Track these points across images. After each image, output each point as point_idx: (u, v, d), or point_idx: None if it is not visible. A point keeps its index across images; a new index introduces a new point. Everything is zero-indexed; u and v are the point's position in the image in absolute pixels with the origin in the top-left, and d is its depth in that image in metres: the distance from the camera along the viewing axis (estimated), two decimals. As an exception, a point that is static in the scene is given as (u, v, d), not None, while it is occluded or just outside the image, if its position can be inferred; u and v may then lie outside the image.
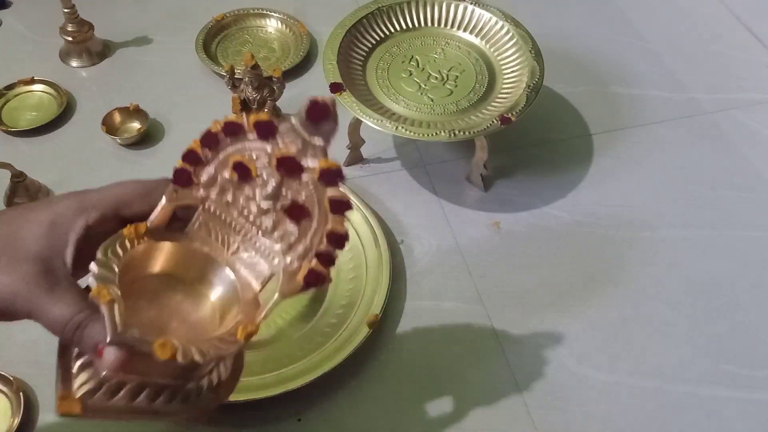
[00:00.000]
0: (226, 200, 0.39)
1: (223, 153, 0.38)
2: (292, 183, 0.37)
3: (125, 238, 0.36)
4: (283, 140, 0.37)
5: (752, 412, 0.54)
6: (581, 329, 0.59)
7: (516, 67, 0.66)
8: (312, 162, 0.36)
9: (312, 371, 0.53)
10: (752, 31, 0.88)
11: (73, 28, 0.77)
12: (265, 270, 0.38)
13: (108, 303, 0.32)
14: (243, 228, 0.39)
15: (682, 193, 0.69)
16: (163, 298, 0.38)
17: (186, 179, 0.38)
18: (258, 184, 0.38)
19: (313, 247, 0.37)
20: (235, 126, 0.37)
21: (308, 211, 0.37)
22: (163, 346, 0.32)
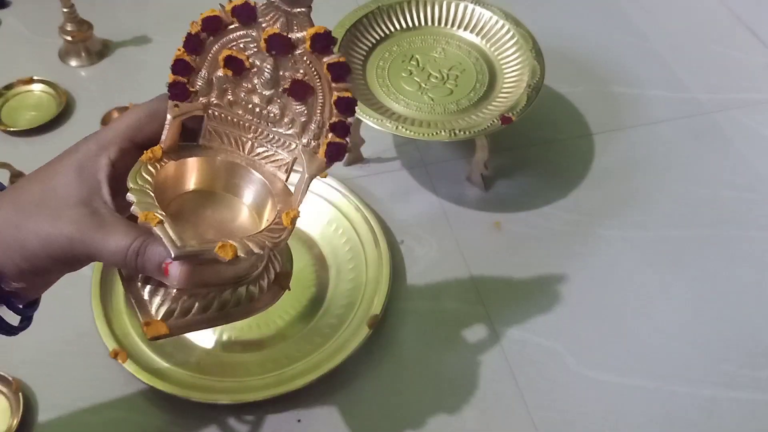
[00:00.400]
0: (227, 100, 0.39)
1: (210, 53, 0.38)
2: (286, 62, 0.37)
3: (146, 163, 0.36)
4: (265, 20, 0.36)
5: (752, 412, 0.54)
6: (581, 329, 0.59)
7: (516, 66, 0.66)
8: (300, 33, 0.36)
9: (312, 372, 0.52)
10: (753, 31, 0.88)
11: (73, 28, 0.77)
12: (286, 157, 0.39)
13: (159, 224, 0.33)
14: (252, 124, 0.39)
15: (682, 193, 0.69)
16: (200, 214, 0.38)
17: (182, 91, 0.38)
18: (254, 74, 0.38)
19: (325, 121, 0.38)
20: (214, 20, 0.37)
21: (310, 85, 0.37)
22: (224, 248, 0.33)
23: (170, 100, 0.38)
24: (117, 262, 0.35)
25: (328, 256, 0.62)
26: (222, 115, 0.39)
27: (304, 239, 0.63)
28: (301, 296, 0.59)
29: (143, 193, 0.35)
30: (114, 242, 0.34)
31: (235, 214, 0.39)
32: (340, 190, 0.64)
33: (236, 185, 0.39)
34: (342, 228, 0.63)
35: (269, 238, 0.35)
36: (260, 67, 0.37)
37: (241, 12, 0.36)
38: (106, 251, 0.34)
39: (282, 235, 0.36)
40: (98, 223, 0.35)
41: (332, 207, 0.64)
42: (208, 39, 0.37)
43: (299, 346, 0.55)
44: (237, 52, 0.37)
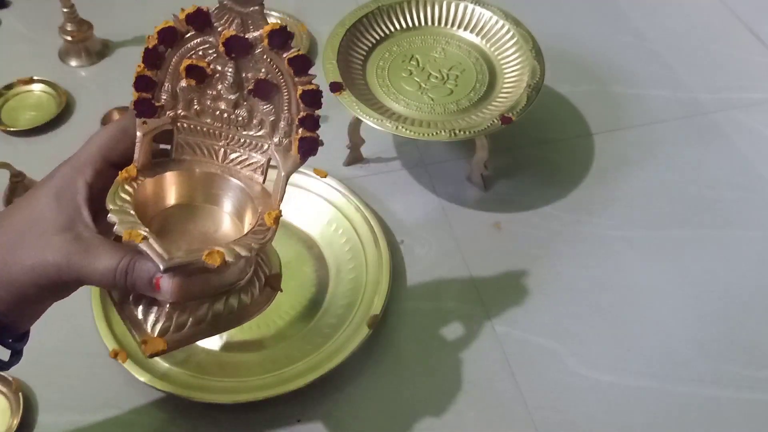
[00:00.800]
0: (195, 110, 0.39)
1: (171, 65, 0.38)
2: (247, 63, 0.37)
3: (123, 183, 0.37)
4: (220, 24, 0.36)
5: (752, 412, 0.54)
6: (581, 329, 0.59)
7: (517, 66, 0.66)
8: (256, 32, 0.36)
9: (312, 372, 0.52)
10: (753, 31, 0.88)
11: (72, 28, 0.77)
12: (260, 159, 0.39)
13: (144, 240, 0.33)
14: (222, 131, 0.39)
15: (682, 193, 0.69)
16: (184, 228, 0.38)
17: (148, 107, 0.38)
18: (218, 80, 0.38)
19: (294, 117, 0.38)
20: (170, 31, 0.37)
21: (273, 83, 0.37)
22: (211, 255, 0.33)
23: (137, 117, 0.38)
24: (107, 283, 0.35)
25: (328, 256, 0.62)
26: (191, 126, 0.39)
27: (304, 239, 0.63)
28: (301, 296, 0.59)
29: (123, 212, 0.35)
30: (102, 264, 0.34)
31: (217, 223, 0.39)
32: (340, 190, 0.64)
33: (215, 195, 0.39)
34: (342, 228, 0.63)
35: (255, 239, 0.35)
36: (222, 72, 0.37)
37: (195, 19, 0.37)
38: (95, 274, 0.34)
39: (267, 235, 0.36)
40: (83, 248, 0.35)
41: (332, 207, 0.64)
42: (167, 51, 0.37)
43: (299, 346, 0.55)
44: (197, 60, 0.37)
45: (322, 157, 0.69)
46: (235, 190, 0.39)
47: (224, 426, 0.52)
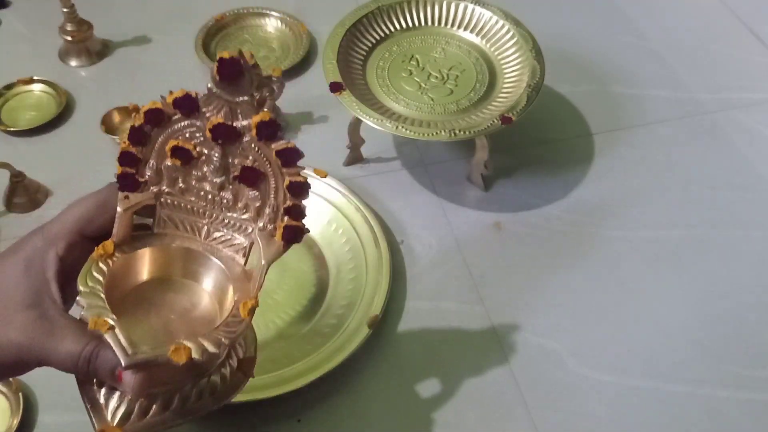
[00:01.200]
0: (179, 188, 0.38)
1: (157, 143, 0.37)
2: (235, 150, 0.36)
3: (97, 260, 0.35)
4: (208, 110, 0.36)
5: (752, 412, 0.54)
6: (581, 329, 0.59)
7: (516, 66, 0.66)
8: (245, 121, 0.35)
9: (312, 372, 0.52)
10: (753, 31, 0.88)
11: (73, 28, 0.77)
12: (243, 241, 0.38)
13: (109, 331, 0.32)
14: (206, 210, 0.38)
15: (682, 193, 0.69)
16: (159, 303, 0.37)
17: (131, 182, 0.37)
18: (204, 162, 0.37)
19: (279, 205, 0.37)
20: (156, 113, 0.36)
21: (261, 172, 0.36)
22: (177, 352, 0.32)
23: (120, 190, 0.37)
24: (68, 369, 0.34)
25: (328, 256, 0.62)
26: (175, 203, 0.38)
27: (304, 239, 0.63)
28: (301, 296, 0.59)
29: (94, 295, 0.33)
30: (64, 349, 0.33)
31: (194, 300, 0.38)
32: (340, 190, 0.64)
33: (194, 271, 0.38)
34: (342, 228, 0.63)
35: (225, 333, 0.34)
36: (209, 155, 0.37)
37: (183, 104, 0.36)
38: (57, 359, 0.33)
39: (239, 328, 0.35)
40: (48, 329, 0.33)
41: (332, 207, 0.64)
42: (153, 130, 0.36)
43: (299, 346, 0.55)
44: (183, 142, 0.36)
45: (322, 157, 0.69)
46: (215, 270, 0.38)
47: (224, 426, 0.52)
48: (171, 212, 0.38)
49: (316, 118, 0.75)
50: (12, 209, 0.65)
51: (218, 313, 0.37)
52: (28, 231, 0.65)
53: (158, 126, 0.36)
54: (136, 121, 0.36)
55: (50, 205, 0.66)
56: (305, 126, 0.74)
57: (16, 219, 0.65)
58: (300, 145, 0.80)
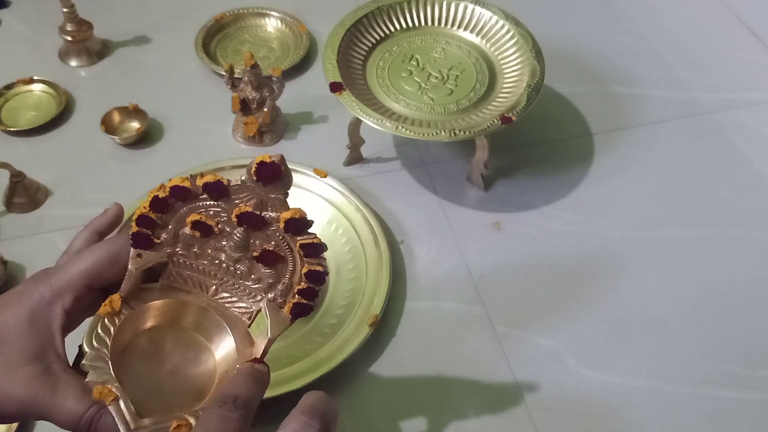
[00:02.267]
0: (193, 252, 0.37)
1: (178, 212, 0.36)
2: (258, 234, 0.36)
3: (104, 317, 0.35)
4: (238, 197, 0.35)
5: (752, 412, 0.54)
6: (581, 329, 0.59)
7: (516, 66, 0.66)
8: (274, 213, 0.35)
9: (312, 372, 0.52)
10: (753, 31, 0.88)
11: (73, 28, 0.77)
12: (251, 307, 0.38)
13: (113, 402, 0.32)
14: (217, 273, 0.38)
15: (682, 193, 0.69)
16: (162, 352, 0.37)
17: (146, 242, 0.36)
18: (224, 236, 0.36)
19: (293, 285, 0.37)
20: (182, 191, 0.35)
21: (281, 255, 0.36)
22: (179, 429, 0.32)
23: (132, 248, 0.36)
24: (69, 428, 0.33)
25: (328, 256, 0.61)
26: (187, 263, 0.37)
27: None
28: (301, 296, 0.59)
29: (99, 358, 0.33)
30: (67, 408, 0.33)
31: (197, 355, 0.37)
32: (340, 190, 0.64)
33: (199, 325, 0.38)
34: (342, 228, 0.63)
35: None
36: (230, 233, 0.36)
37: (213, 189, 0.35)
38: (59, 417, 0.33)
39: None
40: (51, 386, 0.33)
41: (332, 207, 0.64)
42: (176, 202, 0.36)
43: (299, 346, 0.55)
44: (206, 218, 0.36)
45: (322, 157, 0.69)
46: (220, 328, 0.38)
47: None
48: (182, 269, 0.38)
49: (316, 118, 0.75)
50: (12, 209, 0.65)
51: (216, 373, 0.37)
52: (28, 231, 0.65)
53: (183, 201, 0.35)
54: (161, 193, 0.35)
55: (50, 205, 0.66)
56: (305, 126, 0.74)
57: (16, 219, 0.65)
58: (300, 145, 0.80)
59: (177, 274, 0.38)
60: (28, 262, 0.61)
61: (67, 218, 0.64)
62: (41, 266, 0.58)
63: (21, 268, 0.60)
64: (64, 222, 0.64)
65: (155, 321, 0.38)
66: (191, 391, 0.36)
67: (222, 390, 0.33)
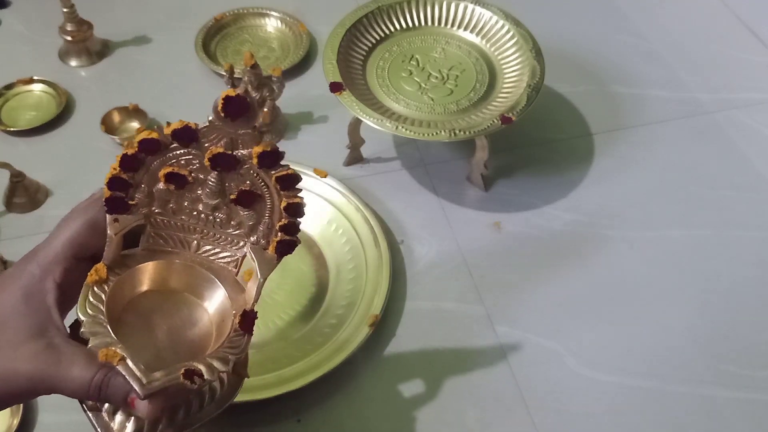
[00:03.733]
0: (170, 208, 0.37)
1: (150, 168, 0.36)
2: (233, 175, 0.36)
3: (93, 286, 0.35)
4: (208, 140, 0.35)
5: (752, 412, 0.54)
6: (581, 329, 0.59)
7: (516, 66, 0.66)
8: (245, 150, 0.35)
9: (312, 372, 0.52)
10: (753, 31, 0.88)
11: (73, 28, 0.77)
12: (236, 254, 0.38)
13: (121, 362, 0.32)
14: (197, 227, 0.38)
15: (682, 193, 0.69)
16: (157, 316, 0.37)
17: (121, 205, 0.36)
18: (198, 186, 0.36)
19: (274, 223, 0.37)
20: (152, 143, 0.35)
21: (258, 194, 0.36)
22: (189, 375, 0.32)
23: (108, 213, 0.36)
24: (79, 396, 0.34)
25: (328, 256, 0.62)
26: (165, 221, 0.37)
27: (304, 239, 0.63)
28: (301, 296, 0.59)
29: (97, 324, 0.33)
30: (74, 377, 0.33)
31: (192, 314, 0.38)
32: (340, 190, 0.64)
33: (189, 283, 0.38)
34: (342, 228, 0.63)
35: (231, 351, 0.34)
36: (204, 180, 0.36)
37: (182, 135, 0.35)
38: (68, 387, 0.33)
39: (243, 343, 0.35)
40: (56, 358, 0.33)
41: (332, 207, 0.64)
42: (147, 158, 0.35)
43: (299, 346, 0.55)
44: (179, 168, 0.35)
45: (322, 157, 0.69)
46: (209, 282, 0.38)
47: (224, 426, 0.52)
48: (161, 230, 0.38)
49: (316, 118, 0.75)
50: (12, 209, 0.65)
51: (213, 327, 0.37)
52: (28, 231, 0.65)
53: (153, 155, 0.35)
54: (130, 150, 0.35)
55: (50, 205, 0.66)
56: (305, 126, 0.74)
57: (16, 219, 0.65)
58: (300, 145, 0.80)
59: (157, 236, 0.38)
60: (28, 262, 0.61)
61: (67, 218, 0.64)
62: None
63: (21, 268, 0.60)
64: (64, 222, 0.64)
65: (144, 286, 0.38)
66: (191, 348, 0.36)
67: None
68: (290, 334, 0.57)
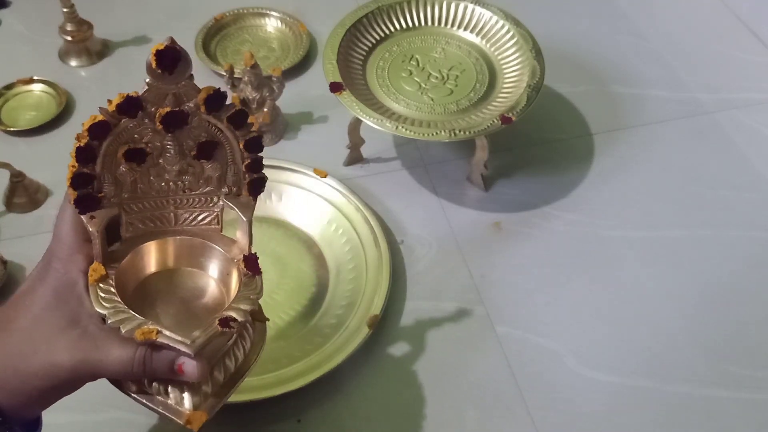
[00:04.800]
0: (139, 189, 0.38)
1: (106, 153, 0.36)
2: (187, 132, 0.36)
3: (97, 285, 0.36)
4: (152, 104, 0.35)
5: (752, 412, 0.54)
6: (581, 329, 0.59)
7: (516, 66, 0.66)
8: (191, 102, 0.35)
9: (312, 372, 0.52)
10: (753, 31, 0.88)
11: (73, 28, 0.77)
12: (213, 212, 0.39)
13: (160, 334, 0.33)
14: (169, 198, 0.38)
15: (682, 193, 0.69)
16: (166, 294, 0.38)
17: (90, 201, 0.36)
18: (158, 155, 0.37)
19: (239, 166, 0.38)
20: (101, 126, 0.35)
21: (216, 142, 0.37)
22: (225, 323, 0.33)
23: (80, 214, 0.36)
24: (124, 375, 0.35)
25: (328, 256, 0.62)
26: (138, 205, 0.38)
27: (304, 239, 0.63)
28: (301, 296, 0.59)
29: (120, 312, 0.34)
30: (115, 357, 0.34)
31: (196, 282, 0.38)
32: (340, 190, 0.64)
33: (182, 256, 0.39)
34: (342, 228, 0.63)
35: (252, 292, 0.36)
36: (162, 146, 0.36)
37: (128, 107, 0.35)
38: (110, 367, 0.34)
39: (257, 284, 0.36)
40: (92, 344, 0.34)
41: (332, 207, 0.64)
42: (100, 144, 0.36)
43: (299, 346, 0.55)
44: (134, 144, 0.36)
45: (322, 157, 0.69)
46: (200, 247, 0.39)
47: (224, 426, 0.52)
48: (136, 216, 0.38)
49: (316, 118, 0.75)
50: (12, 209, 0.65)
51: (222, 286, 0.38)
52: (28, 231, 0.65)
53: (105, 138, 0.35)
54: (82, 141, 0.35)
55: (50, 205, 0.66)
56: (305, 126, 0.74)
57: (16, 219, 0.65)
58: (300, 145, 0.80)
59: (135, 222, 0.38)
60: (28, 262, 0.61)
61: (67, 218, 0.64)
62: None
63: (21, 268, 0.60)
64: (64, 222, 0.64)
65: (144, 271, 0.39)
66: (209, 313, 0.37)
67: None
68: (290, 334, 0.57)
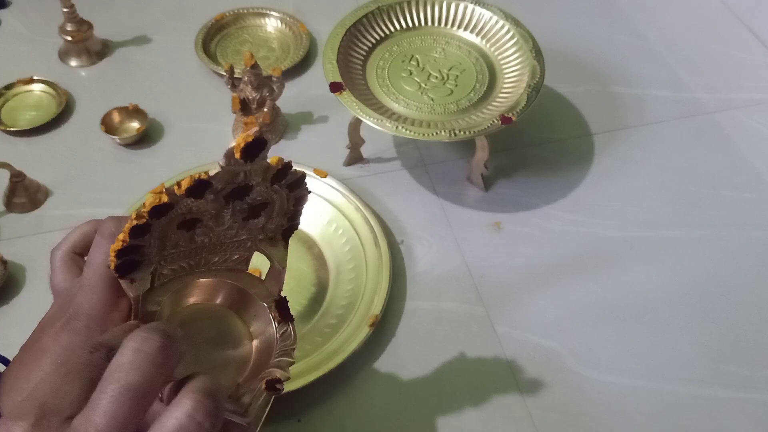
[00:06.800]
0: (180, 246, 0.35)
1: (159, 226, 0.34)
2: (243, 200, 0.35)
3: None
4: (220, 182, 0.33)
5: (752, 412, 0.54)
6: (581, 329, 0.59)
7: (516, 66, 0.66)
8: (257, 177, 0.33)
9: (312, 372, 0.52)
10: (753, 31, 0.88)
11: (73, 28, 0.77)
12: (244, 255, 0.38)
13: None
14: (206, 248, 0.37)
15: (682, 193, 0.69)
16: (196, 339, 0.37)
17: (131, 266, 0.34)
18: (209, 217, 0.35)
19: (283, 219, 0.37)
20: (164, 208, 0.32)
21: (268, 202, 0.36)
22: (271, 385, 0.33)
23: (119, 279, 0.34)
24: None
25: (328, 256, 0.62)
26: (175, 255, 0.36)
27: (304, 239, 0.63)
28: (301, 296, 0.59)
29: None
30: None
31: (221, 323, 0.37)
32: (340, 190, 0.64)
33: (208, 297, 0.38)
34: (342, 228, 0.63)
35: (286, 344, 0.35)
36: (216, 214, 0.34)
37: (196, 191, 0.32)
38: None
39: (290, 333, 0.36)
40: None
41: (332, 207, 0.64)
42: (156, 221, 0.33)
43: (299, 346, 0.55)
44: (190, 214, 0.33)
45: (322, 157, 0.69)
46: (228, 288, 0.37)
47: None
48: (171, 264, 0.36)
49: (316, 118, 0.75)
50: (12, 209, 0.65)
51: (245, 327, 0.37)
52: (28, 231, 0.65)
53: (164, 216, 0.33)
54: (140, 220, 0.32)
55: (50, 205, 0.66)
56: (305, 126, 0.74)
57: (16, 219, 0.65)
58: (300, 145, 0.80)
59: (167, 271, 0.36)
60: (28, 262, 0.61)
61: (67, 218, 0.64)
62: (41, 266, 0.59)
63: (21, 268, 0.60)
64: (64, 222, 0.64)
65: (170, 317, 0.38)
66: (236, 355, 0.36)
67: None
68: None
